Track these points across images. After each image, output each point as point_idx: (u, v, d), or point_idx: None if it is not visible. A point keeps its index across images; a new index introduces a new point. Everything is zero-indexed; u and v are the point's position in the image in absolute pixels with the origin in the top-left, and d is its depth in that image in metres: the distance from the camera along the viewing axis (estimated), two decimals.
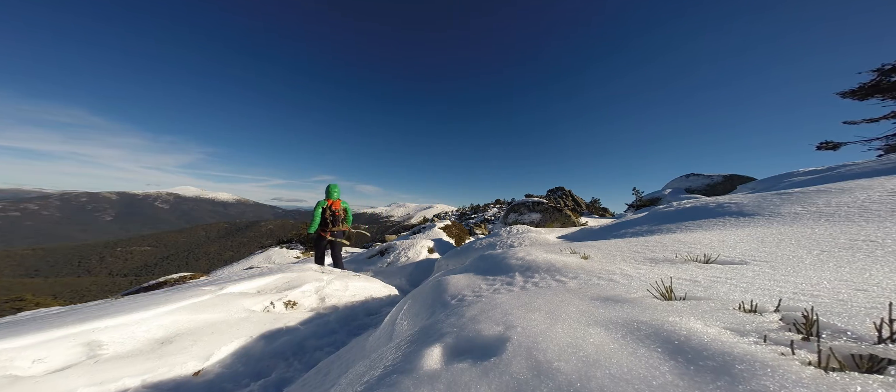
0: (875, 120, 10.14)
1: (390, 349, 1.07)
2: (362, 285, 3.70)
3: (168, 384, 1.65)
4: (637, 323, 0.80)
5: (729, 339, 0.68)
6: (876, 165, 5.15)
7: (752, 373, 0.56)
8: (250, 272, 4.20)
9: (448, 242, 9.70)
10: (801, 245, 1.91)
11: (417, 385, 0.72)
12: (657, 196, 11.86)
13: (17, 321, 1.70)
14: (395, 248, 8.51)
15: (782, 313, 0.81)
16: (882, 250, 1.62)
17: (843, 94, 10.60)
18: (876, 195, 2.90)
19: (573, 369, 0.64)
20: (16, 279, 57.51)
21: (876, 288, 1.06)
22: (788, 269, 1.43)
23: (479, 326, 0.93)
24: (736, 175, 11.16)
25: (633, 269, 1.56)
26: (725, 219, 3.33)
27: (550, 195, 16.09)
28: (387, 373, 0.86)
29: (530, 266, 1.74)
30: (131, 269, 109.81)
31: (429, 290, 1.76)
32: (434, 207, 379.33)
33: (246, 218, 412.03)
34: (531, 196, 13.77)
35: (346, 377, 1.03)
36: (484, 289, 1.54)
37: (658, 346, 0.69)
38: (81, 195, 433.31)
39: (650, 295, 1.06)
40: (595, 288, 1.23)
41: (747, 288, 1.12)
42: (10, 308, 5.42)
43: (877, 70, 9.36)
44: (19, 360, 1.43)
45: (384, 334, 1.64)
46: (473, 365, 0.74)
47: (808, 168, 6.58)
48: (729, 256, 1.78)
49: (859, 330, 0.70)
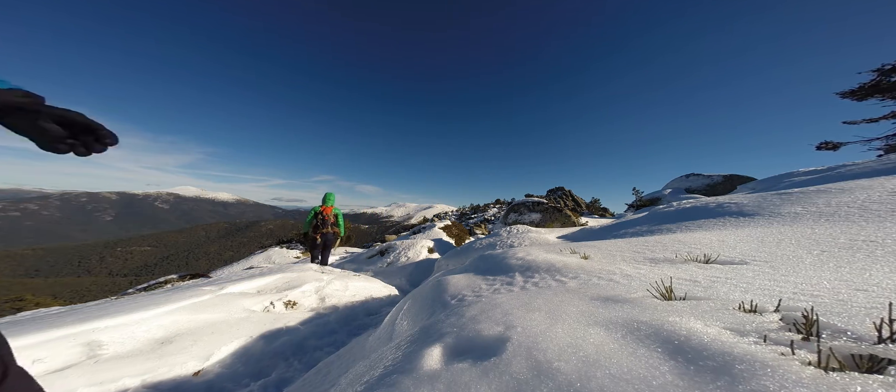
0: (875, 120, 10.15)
1: (390, 349, 1.07)
2: (362, 285, 3.70)
3: (168, 384, 1.65)
4: (637, 323, 0.80)
5: (729, 339, 0.68)
6: (876, 165, 5.15)
7: (752, 373, 0.56)
8: (250, 272, 4.20)
9: (448, 242, 9.70)
10: (801, 245, 1.91)
11: (417, 385, 0.72)
12: (657, 196, 11.86)
13: (17, 321, 1.70)
14: (395, 248, 8.51)
15: (782, 313, 0.81)
16: (882, 250, 1.62)
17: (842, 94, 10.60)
18: (876, 195, 2.90)
19: (573, 369, 0.64)
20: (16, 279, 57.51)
21: (876, 288, 1.06)
22: (788, 269, 1.43)
23: (479, 326, 0.93)
24: (736, 175, 11.16)
25: (633, 269, 1.56)
26: (725, 219, 3.33)
27: (550, 195, 16.10)
28: (387, 373, 0.86)
29: (530, 266, 1.74)
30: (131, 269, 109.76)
31: (429, 290, 1.76)
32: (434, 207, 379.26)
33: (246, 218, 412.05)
34: (531, 196, 13.77)
35: (347, 377, 1.03)
36: (484, 289, 1.54)
37: (658, 346, 0.69)
38: (81, 195, 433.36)
39: (650, 295, 1.06)
40: (595, 288, 1.23)
41: (747, 288, 1.12)
42: (10, 308, 5.42)
43: (877, 70, 9.36)
44: (19, 360, 1.43)
45: (384, 334, 1.64)
46: (473, 365, 0.74)
47: (808, 168, 6.59)
48: (729, 256, 1.78)
49: (859, 330, 0.70)
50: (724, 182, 11.18)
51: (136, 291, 5.43)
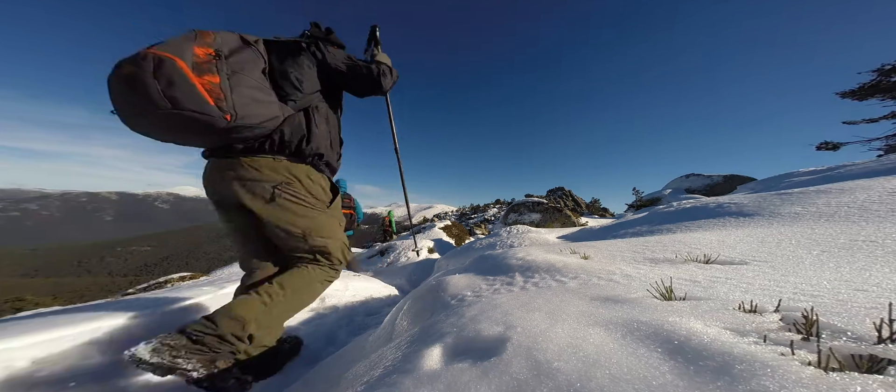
0: (875, 120, 10.15)
1: (390, 349, 1.07)
2: (362, 285, 3.70)
3: (168, 384, 1.65)
4: (637, 323, 0.80)
5: (729, 339, 0.68)
6: (876, 165, 5.15)
7: (751, 373, 0.56)
8: None
9: (448, 242, 9.71)
10: (801, 245, 1.91)
11: (417, 385, 0.72)
12: (657, 196, 11.86)
13: (17, 321, 1.70)
14: (395, 248, 8.51)
15: (782, 313, 0.81)
16: (882, 250, 1.62)
17: (842, 94, 10.60)
18: (876, 195, 2.90)
19: (573, 369, 0.64)
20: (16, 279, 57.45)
21: (876, 288, 1.06)
22: (788, 270, 1.43)
23: (479, 326, 0.93)
24: (736, 175, 11.16)
25: (633, 269, 1.56)
26: (725, 219, 3.33)
27: (550, 195, 16.10)
28: (387, 373, 0.86)
29: (530, 266, 1.74)
30: (131, 269, 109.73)
31: (429, 290, 1.76)
32: (434, 207, 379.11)
33: None
34: (531, 196, 13.77)
35: (347, 377, 1.03)
36: (484, 289, 1.54)
37: (658, 347, 0.69)
38: (81, 195, 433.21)
39: (650, 295, 1.06)
40: (595, 288, 1.23)
41: (747, 288, 1.12)
42: (10, 308, 5.42)
43: (877, 70, 9.36)
44: (19, 360, 1.43)
45: (384, 334, 1.64)
46: (473, 365, 0.74)
47: (808, 168, 6.58)
48: (729, 256, 1.78)
49: (859, 330, 0.70)
50: (724, 182, 11.18)
51: (136, 291, 5.43)
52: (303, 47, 1.61)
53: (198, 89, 1.14)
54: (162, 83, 1.09)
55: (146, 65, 1.08)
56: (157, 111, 1.12)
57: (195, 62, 1.17)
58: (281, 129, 1.45)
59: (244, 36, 1.42)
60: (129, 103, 1.16)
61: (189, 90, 1.13)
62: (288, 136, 1.47)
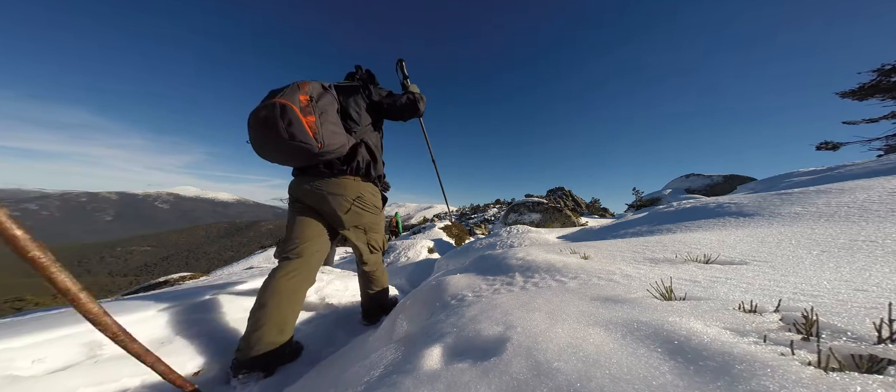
0: (875, 120, 10.15)
1: (390, 349, 1.07)
2: None
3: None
4: (637, 323, 0.80)
5: (729, 339, 0.68)
6: (876, 165, 5.15)
7: (751, 373, 0.56)
8: (251, 272, 4.20)
9: (448, 242, 9.70)
10: (801, 245, 1.91)
11: (417, 385, 0.72)
12: (657, 196, 11.85)
13: (17, 321, 1.70)
14: (395, 248, 8.51)
15: (782, 313, 0.81)
16: (882, 250, 1.62)
17: (842, 94, 10.60)
18: (876, 195, 2.90)
19: (573, 369, 0.64)
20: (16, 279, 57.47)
21: (876, 288, 1.06)
22: (788, 270, 1.43)
23: (479, 326, 0.93)
24: (736, 175, 11.15)
25: (633, 269, 1.56)
26: (725, 219, 3.33)
27: (550, 195, 16.09)
28: (387, 373, 0.86)
29: (530, 266, 1.74)
30: (131, 269, 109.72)
31: (429, 290, 1.76)
32: (434, 207, 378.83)
33: (246, 218, 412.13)
34: (531, 196, 13.76)
35: (346, 377, 1.03)
36: (484, 289, 1.54)
37: (658, 347, 0.69)
38: (81, 195, 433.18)
39: (650, 295, 1.06)
40: (595, 288, 1.23)
41: (747, 288, 1.12)
42: (10, 308, 5.42)
43: (877, 70, 9.36)
44: (19, 360, 1.43)
45: (384, 334, 1.64)
46: (473, 365, 0.74)
47: (808, 168, 6.58)
48: (729, 256, 1.78)
49: (859, 330, 0.70)
50: (724, 182, 11.17)
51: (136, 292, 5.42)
52: (358, 89, 2.11)
53: (304, 126, 1.58)
54: (285, 122, 1.54)
55: (275, 110, 1.54)
56: (281, 142, 1.57)
57: (301, 106, 1.60)
58: (356, 158, 1.96)
59: (323, 83, 1.86)
60: (263, 137, 1.60)
61: (300, 128, 1.57)
62: (361, 163, 1.99)
